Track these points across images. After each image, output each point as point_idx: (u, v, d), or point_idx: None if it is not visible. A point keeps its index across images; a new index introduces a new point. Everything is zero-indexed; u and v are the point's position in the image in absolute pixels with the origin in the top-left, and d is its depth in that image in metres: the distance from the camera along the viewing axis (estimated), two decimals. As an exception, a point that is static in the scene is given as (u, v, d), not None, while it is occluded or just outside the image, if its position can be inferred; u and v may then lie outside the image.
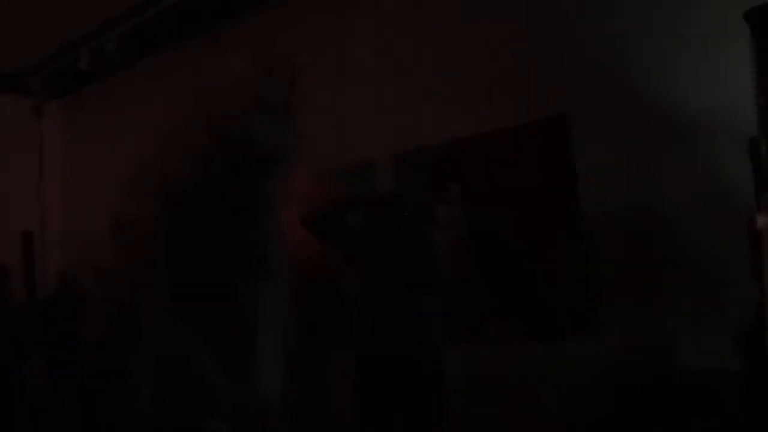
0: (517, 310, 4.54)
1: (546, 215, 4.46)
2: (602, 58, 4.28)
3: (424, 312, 3.61)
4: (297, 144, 1.39)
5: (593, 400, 4.07)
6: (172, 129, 1.37)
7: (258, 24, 5.98)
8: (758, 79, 3.01)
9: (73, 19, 6.28)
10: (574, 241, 4.32)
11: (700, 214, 3.86)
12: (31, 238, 7.61)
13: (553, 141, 4.47)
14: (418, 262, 3.62)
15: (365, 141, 5.27)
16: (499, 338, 4.55)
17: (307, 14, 5.75)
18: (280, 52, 1.33)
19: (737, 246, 3.31)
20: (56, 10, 6.01)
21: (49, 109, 7.97)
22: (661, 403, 3.87)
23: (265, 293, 1.41)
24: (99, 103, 7.49)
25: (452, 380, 3.94)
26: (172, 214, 1.36)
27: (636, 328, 4.02)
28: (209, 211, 1.31)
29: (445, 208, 4.87)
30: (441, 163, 4.96)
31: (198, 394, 1.34)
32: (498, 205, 4.71)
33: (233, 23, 6.15)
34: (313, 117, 5.39)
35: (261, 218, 1.34)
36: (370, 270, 3.72)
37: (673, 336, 3.88)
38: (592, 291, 4.22)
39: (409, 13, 5.25)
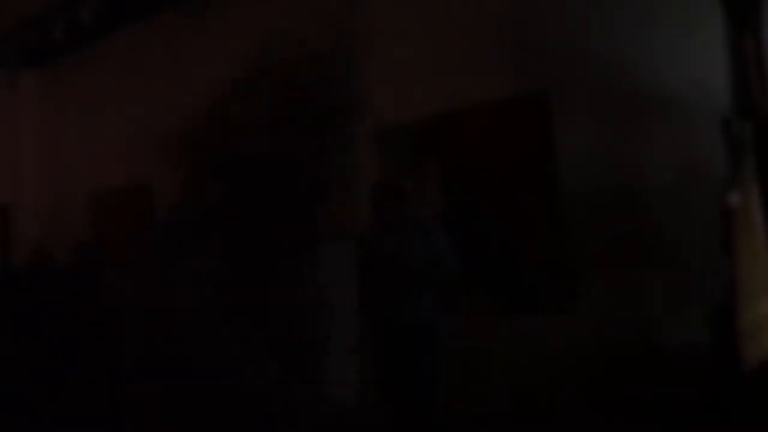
0: (496, 286, 4.60)
1: (525, 191, 4.51)
2: (582, 39, 4.31)
3: (422, 288, 4.11)
4: (357, 99, 1.34)
5: (570, 373, 4.15)
6: (219, 85, 1.30)
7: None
8: (731, 60, 3.07)
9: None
10: (552, 217, 4.37)
11: (675, 192, 3.93)
12: (6, 210, 7.54)
13: (533, 117, 4.51)
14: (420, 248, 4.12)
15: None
16: (478, 313, 4.61)
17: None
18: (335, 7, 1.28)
19: (711, 223, 3.38)
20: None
21: (25, 80, 7.86)
22: (636, 376, 3.96)
23: (327, 260, 1.34)
24: (75, 73, 7.41)
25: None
26: (218, 176, 1.28)
27: (612, 303, 4.09)
28: (261, 172, 1.24)
29: (424, 184, 4.90)
30: (421, 139, 4.97)
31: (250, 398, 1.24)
32: (478, 180, 4.74)
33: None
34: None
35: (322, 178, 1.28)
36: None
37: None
38: (569, 266, 4.28)
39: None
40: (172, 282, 1.17)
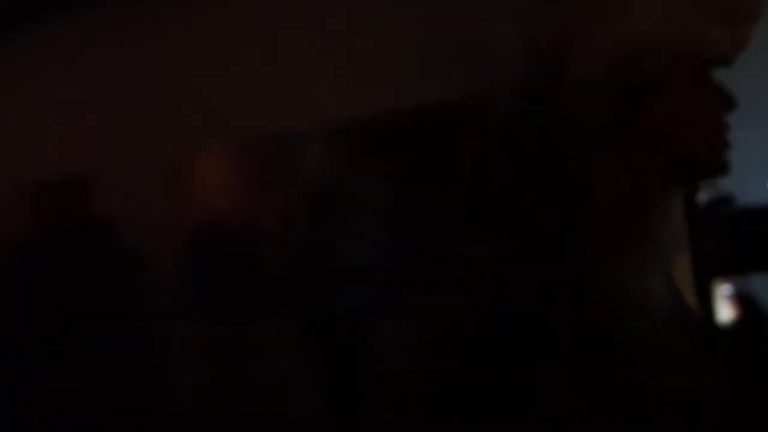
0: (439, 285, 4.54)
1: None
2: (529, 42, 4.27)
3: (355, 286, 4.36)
4: None
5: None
6: None
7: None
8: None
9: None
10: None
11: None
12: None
13: (474, 121, 4.46)
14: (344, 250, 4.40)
15: (294, 111, 5.14)
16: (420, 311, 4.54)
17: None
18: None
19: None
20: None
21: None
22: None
23: None
24: (11, 59, 7.12)
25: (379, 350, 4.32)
26: None
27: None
28: None
29: (370, 186, 4.85)
30: (370, 138, 4.90)
31: None
32: (425, 182, 4.70)
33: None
34: (236, 82, 5.28)
35: None
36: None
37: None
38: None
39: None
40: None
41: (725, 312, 3.12)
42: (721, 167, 1.00)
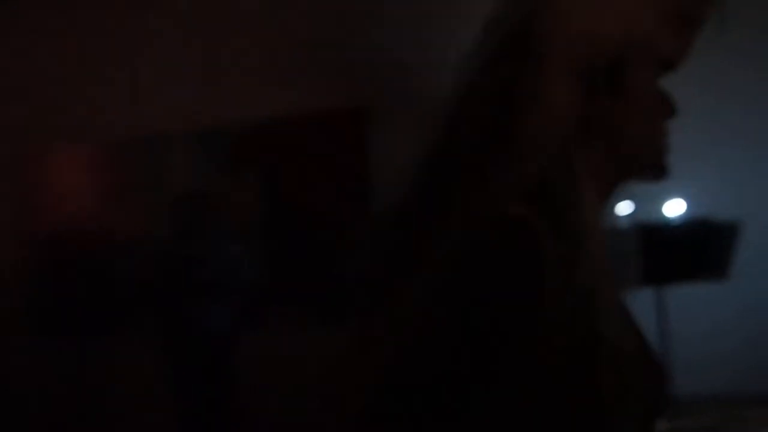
0: (310, 298, 4.45)
1: (341, 206, 4.46)
2: (414, 54, 4.29)
3: (212, 305, 4.21)
4: None
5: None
6: None
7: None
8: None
9: None
10: (366, 235, 4.28)
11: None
12: None
13: (349, 132, 4.51)
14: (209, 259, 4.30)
15: (161, 114, 4.89)
16: (293, 325, 4.44)
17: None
18: None
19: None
20: None
21: None
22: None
23: None
24: None
25: (243, 366, 4.16)
26: None
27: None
28: None
29: (240, 193, 4.71)
30: (240, 145, 4.76)
31: None
32: (295, 191, 4.63)
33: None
34: (102, 83, 4.98)
35: None
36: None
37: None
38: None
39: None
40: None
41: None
42: (662, 171, 1.02)
